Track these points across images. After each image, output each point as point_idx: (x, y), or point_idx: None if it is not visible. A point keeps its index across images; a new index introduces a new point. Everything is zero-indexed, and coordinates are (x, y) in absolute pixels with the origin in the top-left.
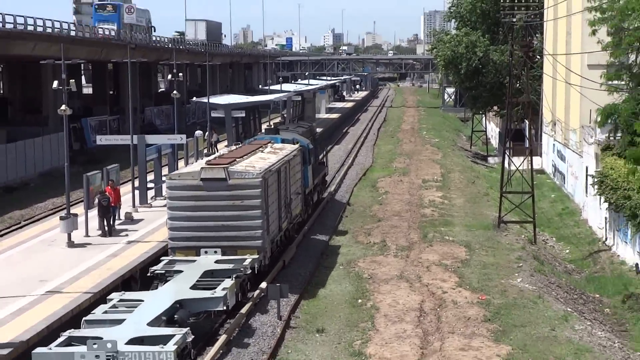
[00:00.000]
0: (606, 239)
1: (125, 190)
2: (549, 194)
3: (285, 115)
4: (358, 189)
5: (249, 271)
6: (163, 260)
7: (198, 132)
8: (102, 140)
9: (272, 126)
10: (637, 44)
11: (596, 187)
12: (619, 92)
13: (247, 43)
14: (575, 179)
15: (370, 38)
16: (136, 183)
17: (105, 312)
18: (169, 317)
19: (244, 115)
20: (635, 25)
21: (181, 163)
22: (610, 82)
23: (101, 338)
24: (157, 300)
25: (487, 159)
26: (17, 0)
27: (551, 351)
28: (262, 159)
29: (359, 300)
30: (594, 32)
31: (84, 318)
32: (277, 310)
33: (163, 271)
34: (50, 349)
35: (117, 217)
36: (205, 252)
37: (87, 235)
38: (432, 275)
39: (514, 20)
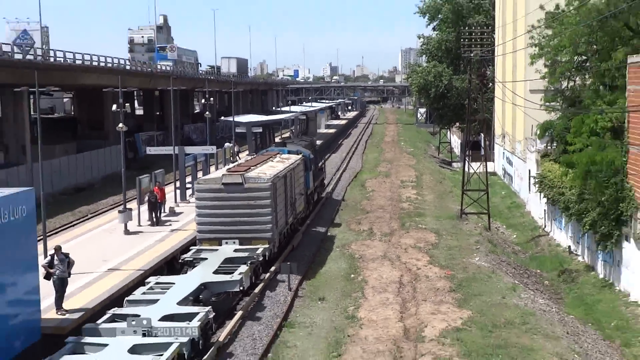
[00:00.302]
0: (545, 226)
1: (169, 189)
2: (500, 191)
3: (293, 131)
4: (350, 188)
5: (261, 258)
6: (192, 249)
7: (227, 144)
8: (151, 150)
9: (281, 140)
10: (567, 74)
11: (537, 186)
12: (554, 111)
13: (264, 74)
14: (520, 179)
15: (359, 69)
16: (177, 184)
17: (144, 293)
18: (195, 297)
19: (261, 130)
20: (566, 59)
21: (212, 168)
22: (547, 104)
23: (139, 315)
24: (186, 283)
25: (451, 164)
26: (85, 39)
27: (502, 315)
28: (271, 167)
29: (352, 275)
30: (532, 63)
31: (125, 298)
32: (287, 283)
33: (191, 258)
34: (97, 324)
35: (162, 211)
36: (226, 243)
37: (139, 225)
38: (408, 255)
39: (472, 55)
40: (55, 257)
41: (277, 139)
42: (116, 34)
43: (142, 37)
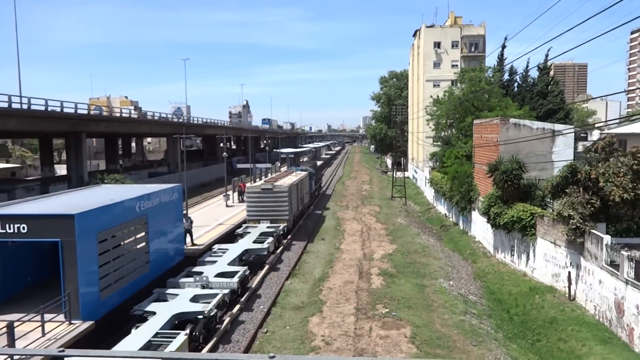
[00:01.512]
0: (433, 204)
1: (248, 184)
2: (411, 186)
3: (309, 155)
4: (337, 185)
5: (282, 232)
6: (242, 226)
7: (277, 164)
8: (239, 166)
9: (297, 164)
10: (443, 129)
11: (429, 183)
12: (437, 146)
13: (295, 129)
14: (421, 180)
15: (341, 126)
16: (251, 182)
17: (210, 255)
18: (240, 258)
19: (293, 156)
20: (443, 121)
21: (270, 175)
22: (434, 143)
23: (202, 273)
24: (235, 249)
25: (386, 173)
26: (207, 110)
27: (413, 247)
28: (290, 179)
29: (337, 227)
30: (427, 123)
31: (198, 259)
32: (307, 233)
33: (242, 232)
34: (177, 279)
35: (244, 195)
36: (261, 222)
37: (233, 202)
38: (366, 218)
39: (397, 119)
40: (184, 219)
41: (301, 160)
42: (222, 107)
43: (235, 110)
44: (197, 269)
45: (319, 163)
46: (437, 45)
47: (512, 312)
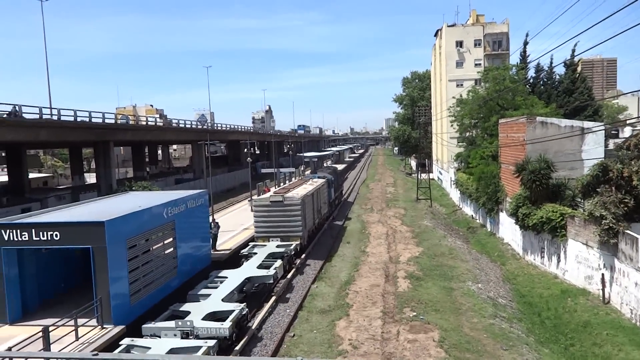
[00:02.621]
0: (460, 206)
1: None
2: (436, 188)
3: (332, 159)
4: (361, 188)
5: (294, 251)
6: (249, 245)
7: (301, 168)
8: (263, 170)
9: (316, 170)
10: (469, 128)
11: (454, 184)
12: (462, 147)
13: (322, 133)
14: (446, 182)
15: (364, 128)
16: (276, 187)
17: (204, 287)
18: (240, 289)
19: (317, 159)
20: (467, 121)
21: (287, 182)
22: (459, 143)
23: (189, 313)
24: (235, 278)
25: (411, 175)
26: (230, 116)
27: (440, 249)
28: (304, 189)
29: (363, 230)
30: (451, 124)
31: (188, 292)
32: (334, 233)
33: (247, 253)
34: (155, 322)
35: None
36: (271, 240)
37: None
38: (391, 220)
39: (420, 120)
40: (212, 224)
41: (325, 164)
42: (245, 113)
43: (258, 115)
44: (184, 307)
45: (340, 167)
46: (459, 44)
47: (544, 315)
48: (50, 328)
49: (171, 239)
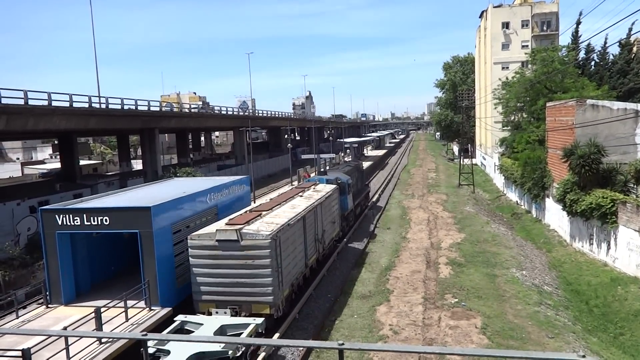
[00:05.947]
0: (504, 191)
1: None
2: (479, 174)
3: (372, 145)
4: (402, 174)
5: (255, 334)
6: (176, 320)
7: (341, 154)
8: (303, 156)
9: (325, 169)
10: (514, 112)
11: (498, 170)
12: (506, 131)
13: (358, 117)
14: (490, 167)
15: (405, 114)
16: (317, 172)
17: None
18: None
19: (357, 145)
20: (512, 104)
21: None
22: (503, 128)
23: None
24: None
25: (453, 160)
26: (271, 103)
27: (482, 235)
28: (285, 212)
29: (403, 216)
30: (495, 107)
31: None
32: (372, 220)
33: (161, 346)
34: None
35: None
36: (216, 312)
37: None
38: (432, 206)
39: (463, 104)
40: None
41: (365, 150)
42: (286, 99)
43: (299, 101)
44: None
45: (366, 164)
46: (506, 25)
47: (592, 303)
48: (102, 309)
49: None
